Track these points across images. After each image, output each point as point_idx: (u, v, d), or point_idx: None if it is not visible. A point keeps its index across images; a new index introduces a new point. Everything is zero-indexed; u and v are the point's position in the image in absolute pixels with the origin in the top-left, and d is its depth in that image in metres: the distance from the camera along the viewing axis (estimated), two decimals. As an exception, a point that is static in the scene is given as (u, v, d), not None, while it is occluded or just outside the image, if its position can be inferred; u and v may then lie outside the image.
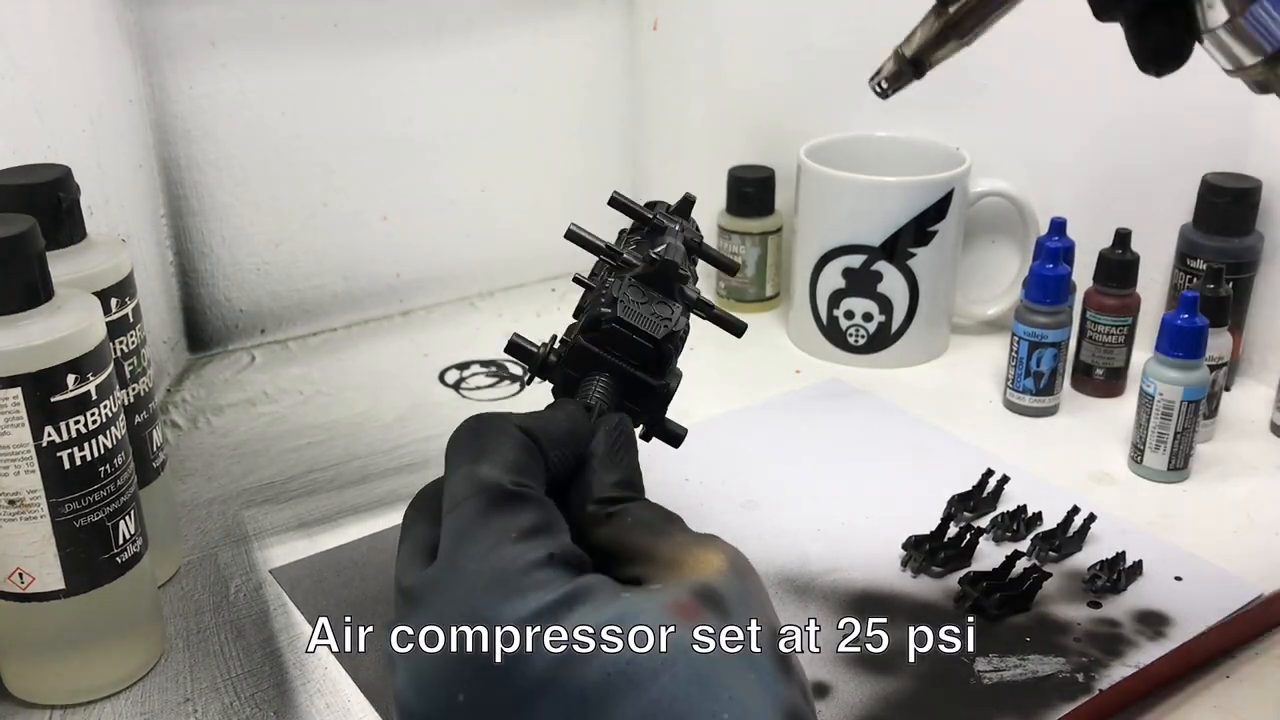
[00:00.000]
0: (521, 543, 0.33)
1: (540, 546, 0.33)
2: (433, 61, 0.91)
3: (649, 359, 0.45)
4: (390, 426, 0.78)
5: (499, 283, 1.00)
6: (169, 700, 0.53)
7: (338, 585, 0.61)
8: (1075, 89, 0.82)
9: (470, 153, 0.95)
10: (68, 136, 0.69)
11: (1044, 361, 0.76)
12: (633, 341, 0.45)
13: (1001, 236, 0.89)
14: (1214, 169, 0.77)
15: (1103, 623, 0.57)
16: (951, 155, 0.84)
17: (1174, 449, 0.69)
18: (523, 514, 0.34)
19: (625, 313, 0.45)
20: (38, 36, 0.67)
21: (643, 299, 0.46)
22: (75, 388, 0.48)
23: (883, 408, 0.79)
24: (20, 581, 0.49)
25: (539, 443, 0.37)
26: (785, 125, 0.93)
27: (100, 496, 0.50)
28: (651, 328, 0.45)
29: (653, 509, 0.37)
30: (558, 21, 0.96)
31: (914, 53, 0.44)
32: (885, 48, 0.96)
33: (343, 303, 0.94)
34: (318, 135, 0.88)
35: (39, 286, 0.47)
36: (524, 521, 0.33)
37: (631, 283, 0.47)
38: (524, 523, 0.33)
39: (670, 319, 0.46)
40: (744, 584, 0.34)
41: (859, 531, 0.65)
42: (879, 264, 0.82)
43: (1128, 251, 0.77)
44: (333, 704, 0.53)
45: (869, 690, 0.52)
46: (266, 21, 0.84)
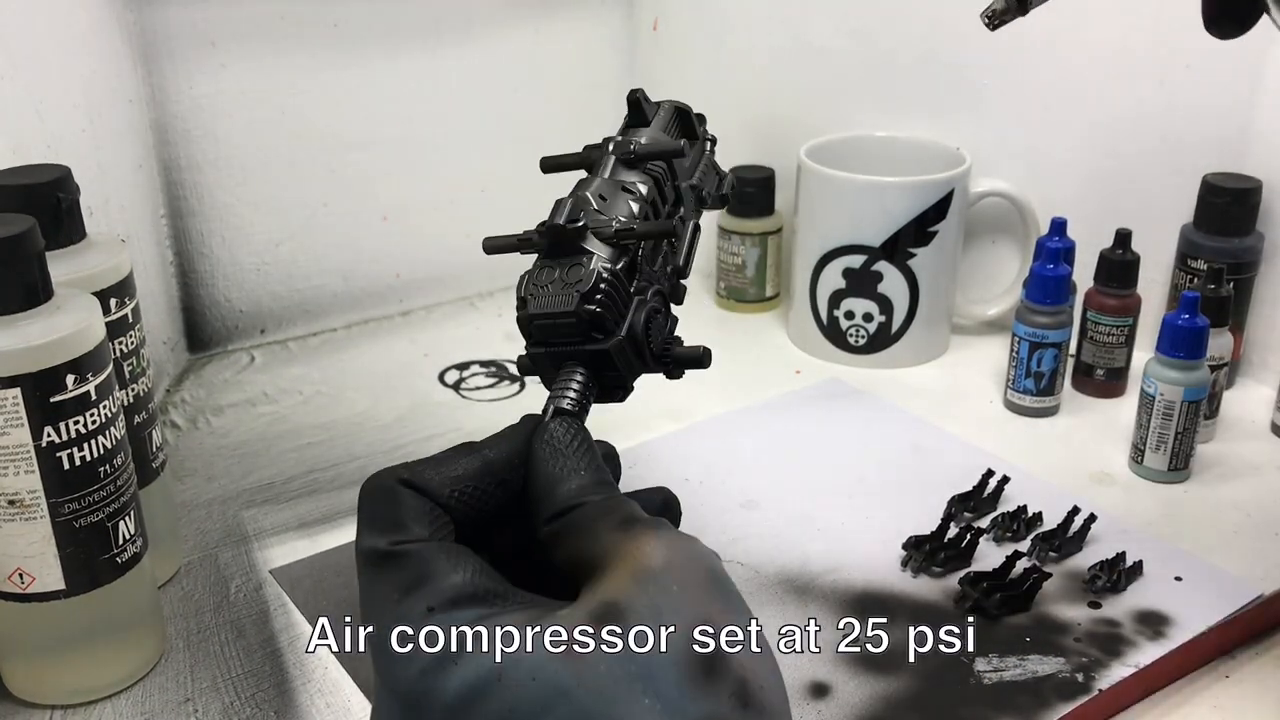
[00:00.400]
0: (404, 602, 0.33)
1: (419, 601, 0.33)
2: (433, 61, 0.91)
3: (578, 330, 0.43)
4: (390, 426, 0.78)
5: (499, 283, 1.00)
6: (169, 700, 0.53)
7: (338, 585, 0.61)
8: (1075, 89, 0.82)
9: (470, 153, 0.95)
10: (68, 136, 0.69)
11: (1044, 362, 0.76)
12: (558, 325, 0.43)
13: (1002, 236, 0.89)
14: (1214, 169, 0.77)
15: (1103, 623, 0.57)
16: (951, 155, 0.84)
17: (1174, 449, 0.69)
18: (400, 572, 0.34)
19: (536, 305, 0.43)
20: (38, 36, 0.67)
21: (551, 276, 0.44)
22: (75, 388, 0.48)
23: (883, 408, 0.79)
24: (20, 581, 0.49)
25: (423, 488, 0.36)
26: (785, 125, 0.93)
27: (100, 497, 0.50)
28: (563, 303, 0.42)
29: (588, 512, 0.36)
30: (558, 21, 0.96)
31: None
32: (885, 47, 0.96)
33: (343, 303, 0.94)
34: (318, 135, 0.88)
35: (39, 286, 0.47)
36: (403, 579, 0.33)
37: (538, 264, 0.45)
38: (403, 581, 0.33)
39: (580, 280, 0.43)
40: (657, 587, 0.32)
41: (859, 531, 0.65)
42: (879, 264, 0.82)
43: (1128, 252, 0.77)
44: (333, 704, 0.53)
45: (869, 690, 0.52)
46: (266, 21, 0.84)
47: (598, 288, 0.43)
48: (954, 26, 0.86)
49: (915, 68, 0.88)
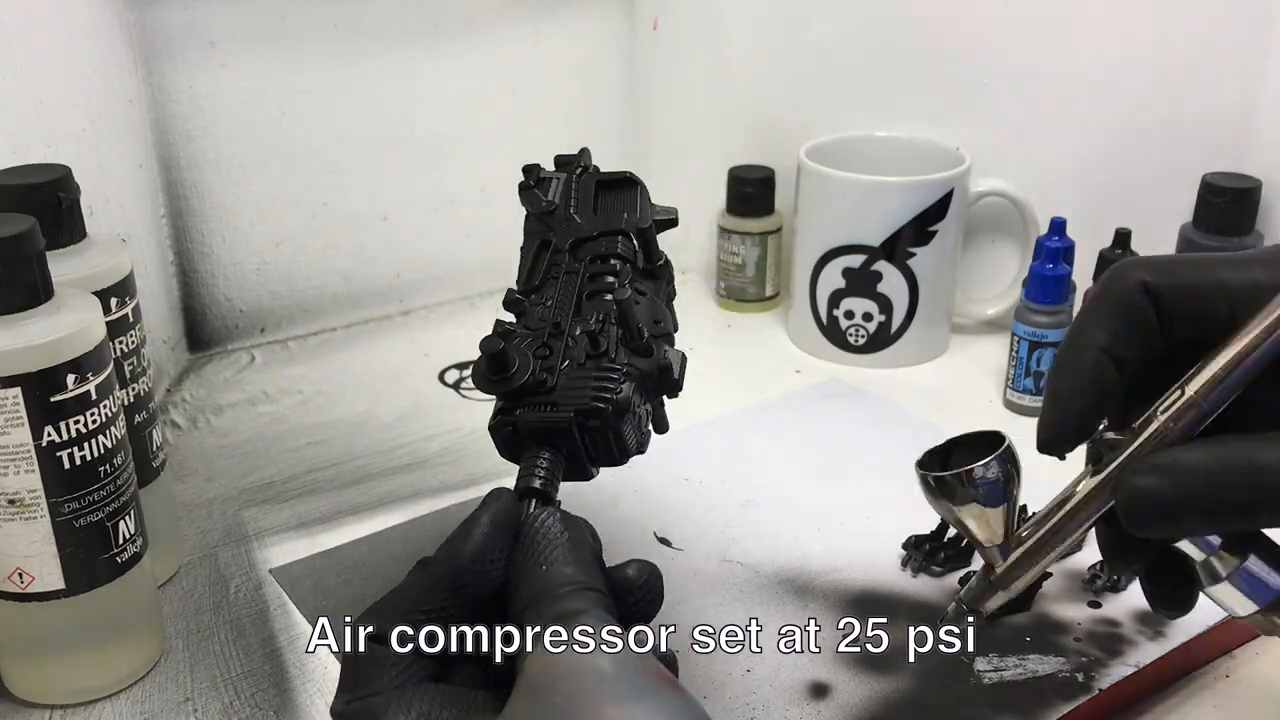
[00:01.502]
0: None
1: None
2: (433, 61, 0.91)
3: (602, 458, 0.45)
4: (390, 426, 0.78)
5: (499, 283, 1.00)
6: (169, 700, 0.53)
7: (338, 585, 0.61)
8: (1075, 89, 0.82)
9: (470, 153, 0.95)
10: (68, 136, 0.69)
11: (1044, 361, 0.76)
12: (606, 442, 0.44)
13: (1001, 236, 0.89)
14: (1214, 169, 0.77)
15: (1103, 622, 0.57)
16: (951, 155, 0.84)
17: (1174, 449, 0.69)
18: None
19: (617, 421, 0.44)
20: (38, 36, 0.67)
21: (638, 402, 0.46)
22: (75, 387, 0.48)
23: (883, 408, 0.79)
24: (20, 581, 0.49)
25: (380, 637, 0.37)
26: (785, 125, 0.93)
27: (100, 496, 0.50)
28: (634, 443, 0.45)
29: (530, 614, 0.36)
30: (558, 21, 0.96)
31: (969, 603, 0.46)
32: (885, 47, 0.97)
33: (343, 303, 0.94)
34: (318, 135, 0.88)
35: (39, 286, 0.47)
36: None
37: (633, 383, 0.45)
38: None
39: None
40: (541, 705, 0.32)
41: (859, 531, 0.65)
42: (879, 264, 0.82)
43: (1128, 251, 0.77)
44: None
45: (869, 690, 0.52)
46: (266, 21, 0.84)
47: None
48: (954, 26, 0.86)
49: (915, 68, 0.88)
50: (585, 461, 0.45)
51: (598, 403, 0.43)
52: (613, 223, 0.53)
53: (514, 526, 0.39)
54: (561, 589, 0.36)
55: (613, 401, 0.44)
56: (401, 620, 0.37)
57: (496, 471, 0.72)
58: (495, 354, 0.44)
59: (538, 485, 0.42)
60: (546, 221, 0.54)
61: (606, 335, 0.46)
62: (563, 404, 0.44)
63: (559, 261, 0.52)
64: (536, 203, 0.55)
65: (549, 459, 0.43)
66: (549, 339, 0.47)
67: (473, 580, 0.38)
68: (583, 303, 0.49)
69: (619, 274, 0.50)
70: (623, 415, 0.44)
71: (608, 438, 0.44)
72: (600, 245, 0.52)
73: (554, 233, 0.53)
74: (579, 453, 0.44)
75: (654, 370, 0.46)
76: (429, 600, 0.37)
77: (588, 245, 0.52)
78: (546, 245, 0.53)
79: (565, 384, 0.44)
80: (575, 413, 0.43)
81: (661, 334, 0.49)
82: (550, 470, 0.43)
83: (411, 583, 0.38)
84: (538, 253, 0.52)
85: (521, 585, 0.37)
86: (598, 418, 0.43)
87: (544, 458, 0.43)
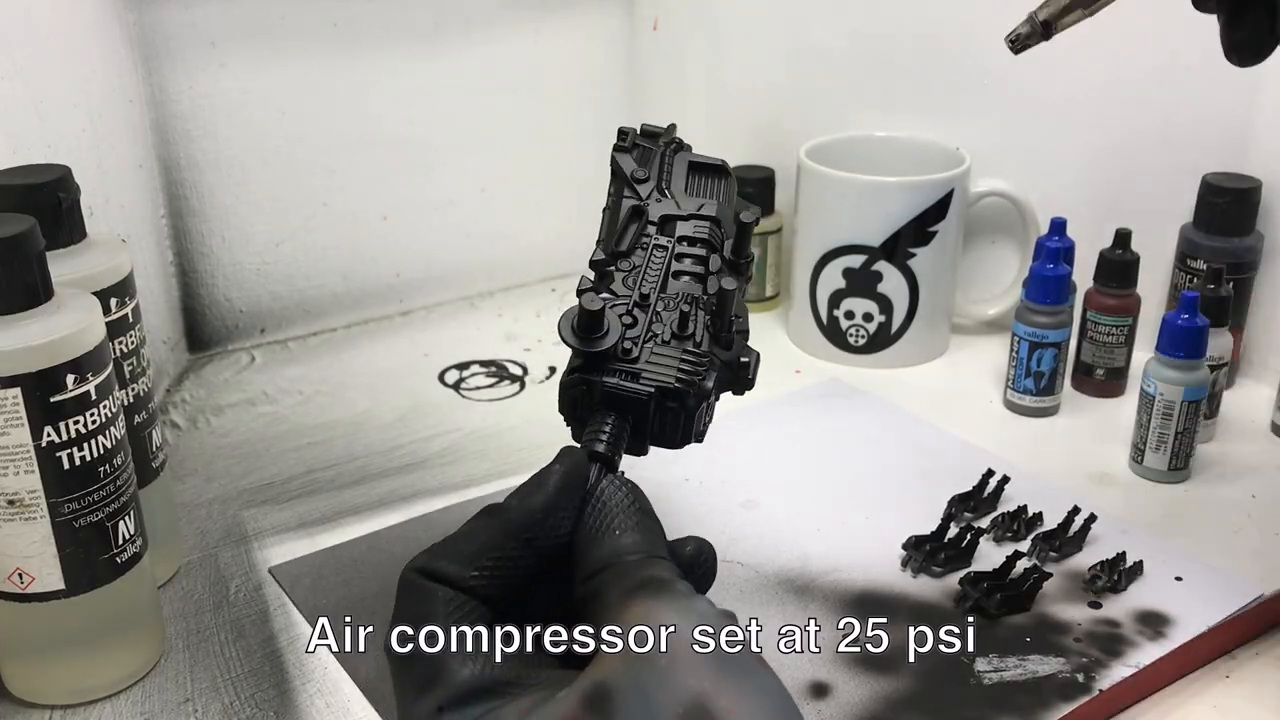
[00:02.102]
0: (417, 702, 0.34)
1: (430, 700, 0.34)
2: (433, 61, 0.91)
3: (672, 438, 0.45)
4: (390, 426, 0.78)
5: (499, 283, 1.00)
6: (169, 700, 0.53)
7: (338, 585, 0.61)
8: (1075, 89, 0.82)
9: (470, 153, 0.95)
10: (68, 136, 0.69)
11: (1044, 362, 0.76)
12: (677, 424, 0.44)
13: (1001, 236, 0.89)
14: (1214, 169, 0.77)
15: (1103, 623, 0.57)
16: (951, 155, 0.84)
17: (1174, 449, 0.69)
18: (412, 672, 0.35)
19: (691, 407, 0.44)
20: (38, 36, 0.67)
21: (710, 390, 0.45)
22: (75, 388, 0.48)
23: (883, 408, 0.79)
24: (20, 581, 0.49)
25: (443, 577, 0.36)
26: (785, 125, 0.93)
27: (100, 496, 0.50)
28: (696, 429, 0.45)
29: (606, 579, 0.36)
30: (558, 21, 0.96)
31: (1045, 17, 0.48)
32: (885, 47, 0.96)
33: (343, 303, 0.94)
34: (318, 135, 0.88)
35: (39, 286, 0.47)
36: (415, 679, 0.34)
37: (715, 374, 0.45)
38: (416, 681, 0.34)
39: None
40: (644, 665, 0.32)
41: (859, 531, 0.65)
42: (879, 264, 0.82)
43: (1128, 251, 0.77)
44: (333, 704, 0.53)
45: (869, 690, 0.52)
46: (266, 21, 0.84)
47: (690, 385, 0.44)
48: (954, 26, 0.86)
49: (915, 68, 0.88)
50: (647, 437, 0.45)
51: (682, 384, 0.43)
52: (705, 207, 0.53)
53: (583, 487, 0.39)
54: (635, 556, 0.36)
55: (697, 386, 0.44)
56: (467, 565, 0.37)
57: (496, 471, 0.72)
58: (594, 313, 0.43)
59: (603, 450, 0.42)
60: (637, 188, 0.53)
61: (695, 319, 0.46)
62: (646, 377, 0.44)
63: (648, 233, 0.51)
64: (629, 166, 0.54)
65: (616, 425, 0.43)
66: (634, 309, 0.46)
67: (543, 533, 0.37)
68: (668, 281, 0.48)
69: (709, 262, 0.50)
70: (701, 402, 0.44)
71: (679, 420, 0.44)
72: (690, 226, 0.52)
73: (647, 202, 0.53)
74: (645, 428, 0.44)
75: (733, 363, 0.47)
76: (498, 548, 0.37)
77: (678, 224, 0.52)
78: (639, 213, 0.52)
79: (650, 358, 0.44)
80: (657, 389, 0.43)
81: (741, 330, 0.49)
82: (616, 437, 0.43)
83: (478, 527, 0.38)
84: (628, 219, 0.52)
85: (591, 549, 0.37)
86: (677, 399, 0.43)
87: (610, 423, 0.43)
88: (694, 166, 0.56)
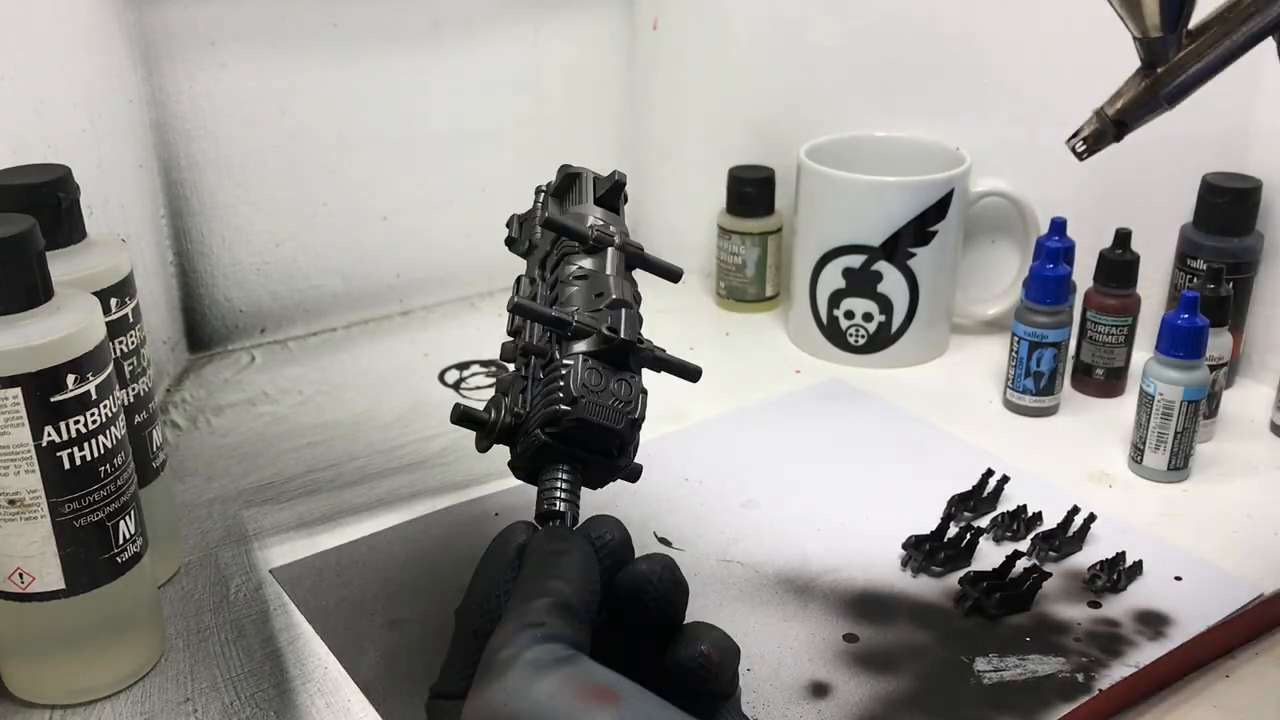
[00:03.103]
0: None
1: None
2: (433, 61, 0.91)
3: (611, 445, 0.44)
4: (390, 426, 0.78)
5: (499, 283, 1.00)
6: (169, 700, 0.53)
7: (338, 585, 0.61)
8: (1075, 89, 0.82)
9: (470, 153, 0.95)
10: (68, 136, 0.69)
11: (1044, 361, 0.76)
12: (594, 433, 0.44)
13: (1001, 236, 0.89)
14: (1214, 169, 0.77)
15: (1103, 623, 0.57)
16: (951, 155, 0.84)
17: (1174, 449, 0.69)
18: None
19: (585, 410, 0.43)
20: (38, 36, 0.67)
21: (599, 382, 0.44)
22: (75, 388, 0.48)
23: (883, 408, 0.79)
24: (20, 581, 0.49)
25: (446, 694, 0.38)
26: (785, 125, 0.93)
27: (100, 496, 0.50)
28: (613, 419, 0.44)
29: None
30: (558, 21, 0.96)
31: (1116, 114, 0.43)
32: (885, 48, 0.96)
33: (343, 303, 0.94)
34: (318, 135, 0.88)
35: (39, 286, 0.47)
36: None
37: (588, 364, 0.44)
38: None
39: (631, 401, 0.44)
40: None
41: (859, 531, 0.65)
42: (879, 264, 0.82)
43: (1128, 251, 0.77)
44: (333, 704, 0.53)
45: (869, 690, 0.52)
46: (266, 21, 0.84)
47: (643, 415, 0.45)
48: (954, 26, 0.86)
49: (915, 68, 0.88)
50: (602, 459, 0.45)
51: (554, 406, 0.43)
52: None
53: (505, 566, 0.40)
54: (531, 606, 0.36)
55: (566, 393, 0.43)
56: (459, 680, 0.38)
57: (496, 471, 0.71)
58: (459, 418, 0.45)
59: (561, 505, 0.43)
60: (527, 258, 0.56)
61: (552, 343, 0.46)
62: (531, 427, 0.44)
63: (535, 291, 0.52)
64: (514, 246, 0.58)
65: (566, 478, 0.44)
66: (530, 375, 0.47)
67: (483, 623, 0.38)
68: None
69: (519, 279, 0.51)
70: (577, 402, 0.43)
71: (590, 431, 0.44)
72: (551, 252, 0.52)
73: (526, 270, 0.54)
74: (588, 457, 0.44)
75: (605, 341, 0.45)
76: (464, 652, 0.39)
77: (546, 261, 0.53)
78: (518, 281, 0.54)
79: (533, 408, 0.45)
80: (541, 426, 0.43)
81: (613, 304, 0.47)
82: (569, 488, 0.43)
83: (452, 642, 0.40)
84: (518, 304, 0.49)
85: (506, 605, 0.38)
86: (553, 423, 0.43)
87: (561, 478, 0.44)
88: (556, 195, 0.58)
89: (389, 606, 0.59)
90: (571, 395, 0.43)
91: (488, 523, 0.65)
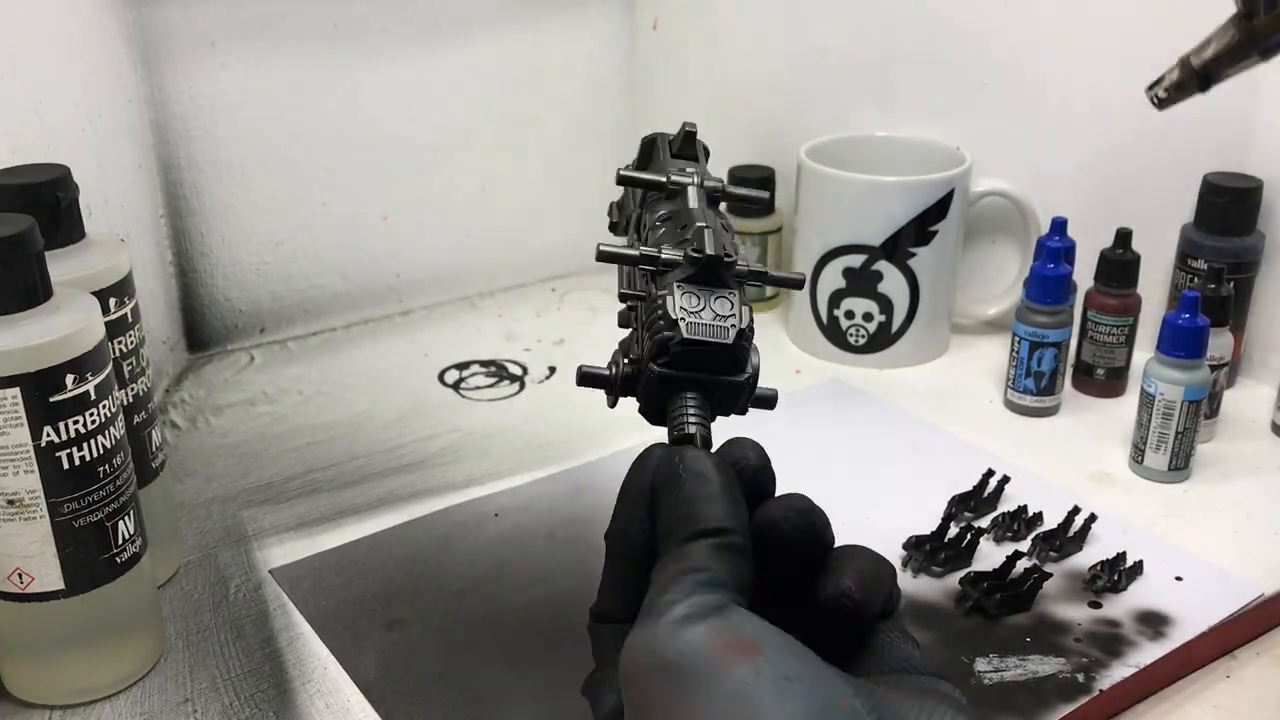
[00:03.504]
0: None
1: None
2: (433, 61, 0.91)
3: (726, 361, 0.44)
4: (390, 426, 0.78)
5: (499, 283, 1.00)
6: (169, 700, 0.53)
7: (338, 585, 0.61)
8: (1076, 89, 0.82)
9: (470, 153, 0.95)
10: (68, 136, 0.69)
11: (1045, 361, 0.76)
12: (705, 353, 0.44)
13: (1002, 236, 0.89)
14: (1214, 169, 0.77)
15: (1103, 623, 0.57)
16: (951, 155, 0.84)
17: (1175, 449, 0.69)
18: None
19: (690, 330, 0.43)
20: (38, 36, 0.67)
21: (698, 304, 0.44)
22: (74, 388, 0.48)
23: (883, 408, 0.79)
24: (20, 581, 0.49)
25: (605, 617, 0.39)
26: (785, 125, 0.93)
27: (99, 496, 0.50)
28: (719, 334, 0.44)
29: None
30: (557, 21, 0.96)
31: (1203, 64, 0.41)
32: (885, 48, 0.96)
33: (343, 303, 0.94)
34: (318, 135, 0.88)
35: (38, 286, 0.47)
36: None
37: (683, 288, 0.44)
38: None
39: (733, 314, 0.44)
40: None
41: (859, 531, 0.64)
42: (879, 264, 0.82)
43: (1128, 251, 0.77)
44: (333, 704, 0.53)
45: (869, 690, 0.52)
46: (266, 21, 0.84)
47: (751, 326, 0.44)
48: (954, 26, 0.86)
49: (915, 68, 0.88)
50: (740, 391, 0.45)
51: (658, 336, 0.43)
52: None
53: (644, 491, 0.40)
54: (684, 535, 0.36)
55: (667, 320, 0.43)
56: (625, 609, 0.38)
57: (496, 471, 0.72)
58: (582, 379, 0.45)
59: (691, 433, 0.42)
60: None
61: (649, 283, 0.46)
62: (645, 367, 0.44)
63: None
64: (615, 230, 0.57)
65: (694, 403, 0.43)
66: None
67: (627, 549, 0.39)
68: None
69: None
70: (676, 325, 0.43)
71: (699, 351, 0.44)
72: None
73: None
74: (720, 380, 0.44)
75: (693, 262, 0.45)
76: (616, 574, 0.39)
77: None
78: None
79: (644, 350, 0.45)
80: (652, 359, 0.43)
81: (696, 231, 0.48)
82: (699, 413, 0.43)
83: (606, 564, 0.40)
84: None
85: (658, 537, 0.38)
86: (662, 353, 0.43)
87: (689, 404, 0.43)
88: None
89: (389, 607, 0.59)
90: (671, 319, 0.43)
91: (488, 523, 0.65)
